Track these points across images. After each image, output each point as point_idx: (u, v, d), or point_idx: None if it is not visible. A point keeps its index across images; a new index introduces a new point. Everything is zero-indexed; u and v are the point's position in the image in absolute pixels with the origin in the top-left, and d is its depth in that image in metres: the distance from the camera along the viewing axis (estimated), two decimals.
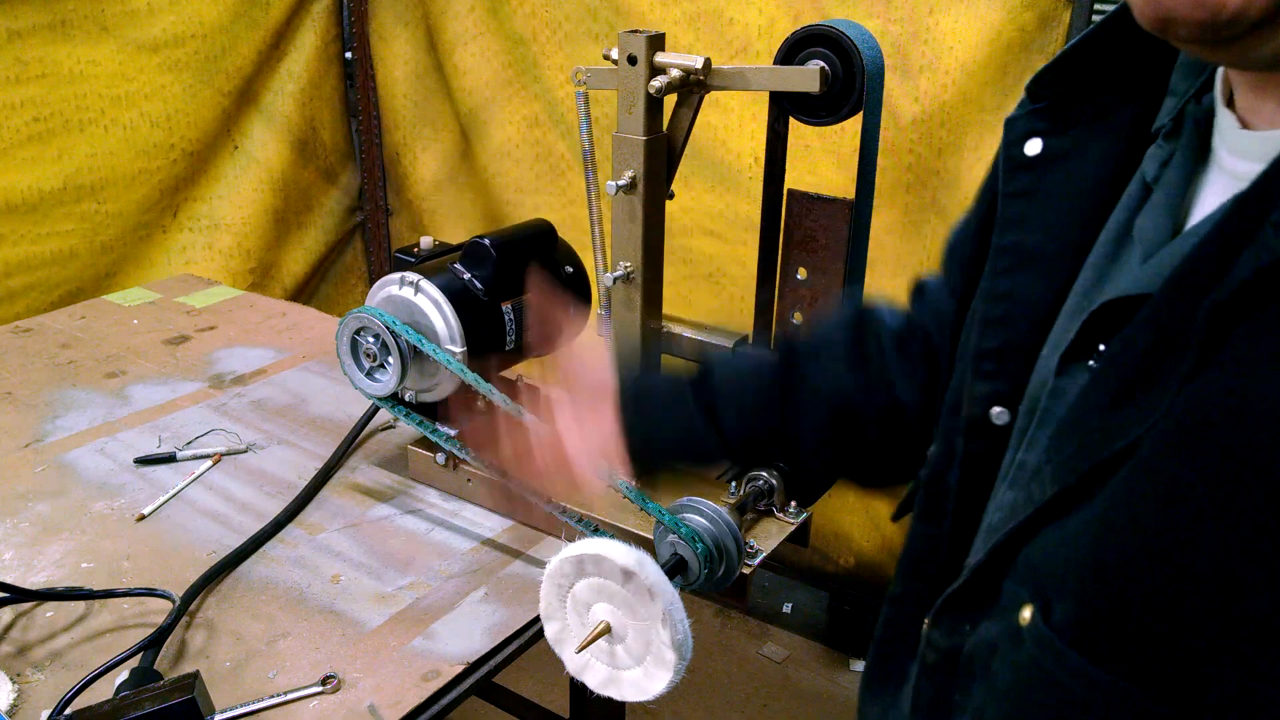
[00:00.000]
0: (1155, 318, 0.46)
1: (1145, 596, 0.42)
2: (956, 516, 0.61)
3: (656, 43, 1.01)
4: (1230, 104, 0.50)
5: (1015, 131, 0.60)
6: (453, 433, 1.19)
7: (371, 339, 1.16)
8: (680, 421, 0.83)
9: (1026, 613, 0.48)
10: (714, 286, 2.03)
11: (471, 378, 1.10)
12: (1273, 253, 0.40)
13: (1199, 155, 0.53)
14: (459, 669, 0.97)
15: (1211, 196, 0.51)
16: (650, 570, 0.76)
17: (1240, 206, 0.44)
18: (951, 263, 0.76)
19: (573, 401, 0.85)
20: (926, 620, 0.58)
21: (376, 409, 1.37)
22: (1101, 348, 0.51)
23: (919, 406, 0.78)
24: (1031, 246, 0.59)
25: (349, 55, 2.45)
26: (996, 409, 0.59)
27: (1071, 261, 0.57)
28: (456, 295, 1.17)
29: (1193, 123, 0.53)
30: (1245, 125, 0.49)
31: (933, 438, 0.71)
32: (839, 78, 0.99)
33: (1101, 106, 0.58)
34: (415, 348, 1.14)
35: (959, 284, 0.72)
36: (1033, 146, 0.59)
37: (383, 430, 1.40)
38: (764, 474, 1.12)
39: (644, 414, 0.84)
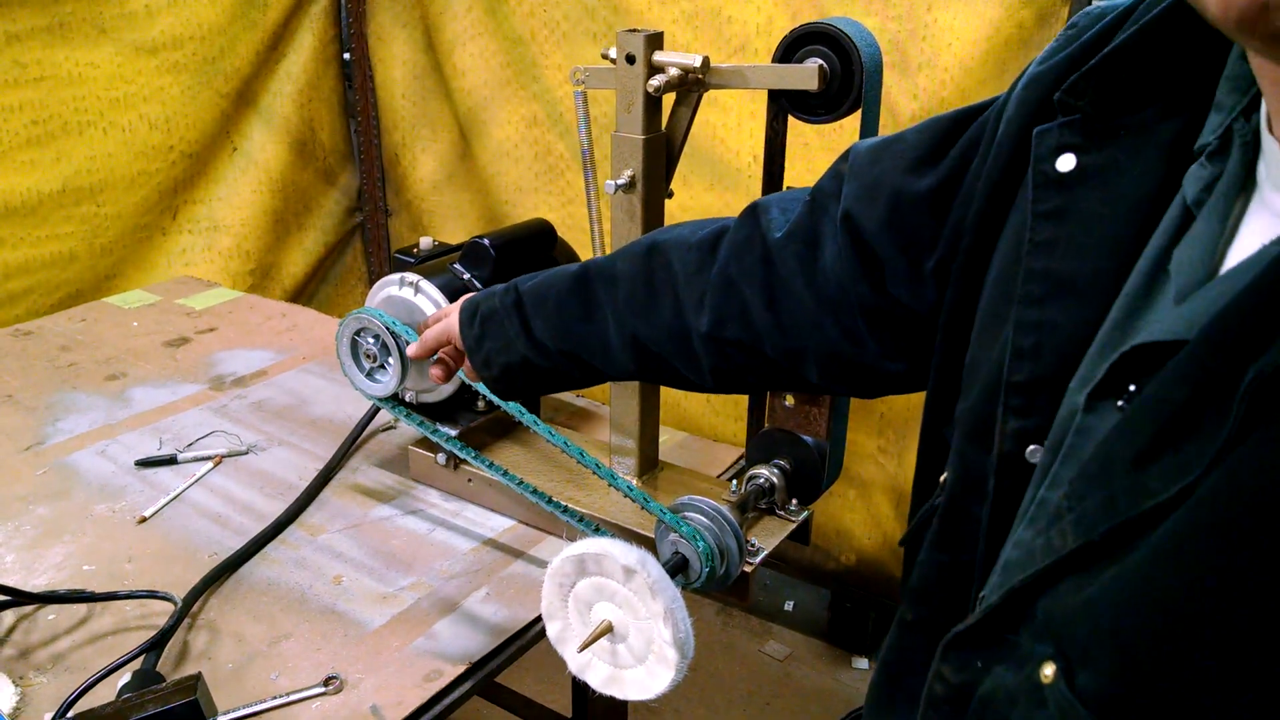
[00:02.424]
0: (1191, 372, 0.43)
1: (1181, 680, 0.40)
2: (989, 551, 0.58)
3: (655, 41, 1.01)
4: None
5: (1045, 145, 0.55)
6: (453, 433, 1.19)
7: (371, 340, 1.16)
8: (502, 326, 0.93)
9: (1049, 670, 0.45)
10: None
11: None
12: None
13: (1245, 181, 0.48)
14: (461, 669, 0.98)
15: (1252, 234, 0.47)
16: (652, 569, 0.76)
17: None
18: (873, 199, 0.73)
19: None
20: (938, 651, 0.56)
21: (377, 410, 1.37)
22: (1131, 388, 0.47)
23: (707, 340, 0.84)
24: (1063, 273, 0.54)
25: (347, 56, 2.44)
26: (1032, 447, 0.55)
27: (1108, 291, 0.53)
28: (456, 295, 1.17)
29: (1240, 143, 0.48)
30: None
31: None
32: (837, 75, 0.99)
33: (1141, 119, 0.53)
34: None
35: (888, 244, 0.72)
36: (1065, 162, 0.54)
37: (383, 431, 1.40)
38: (764, 472, 1.12)
39: (477, 321, 0.96)
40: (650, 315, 0.86)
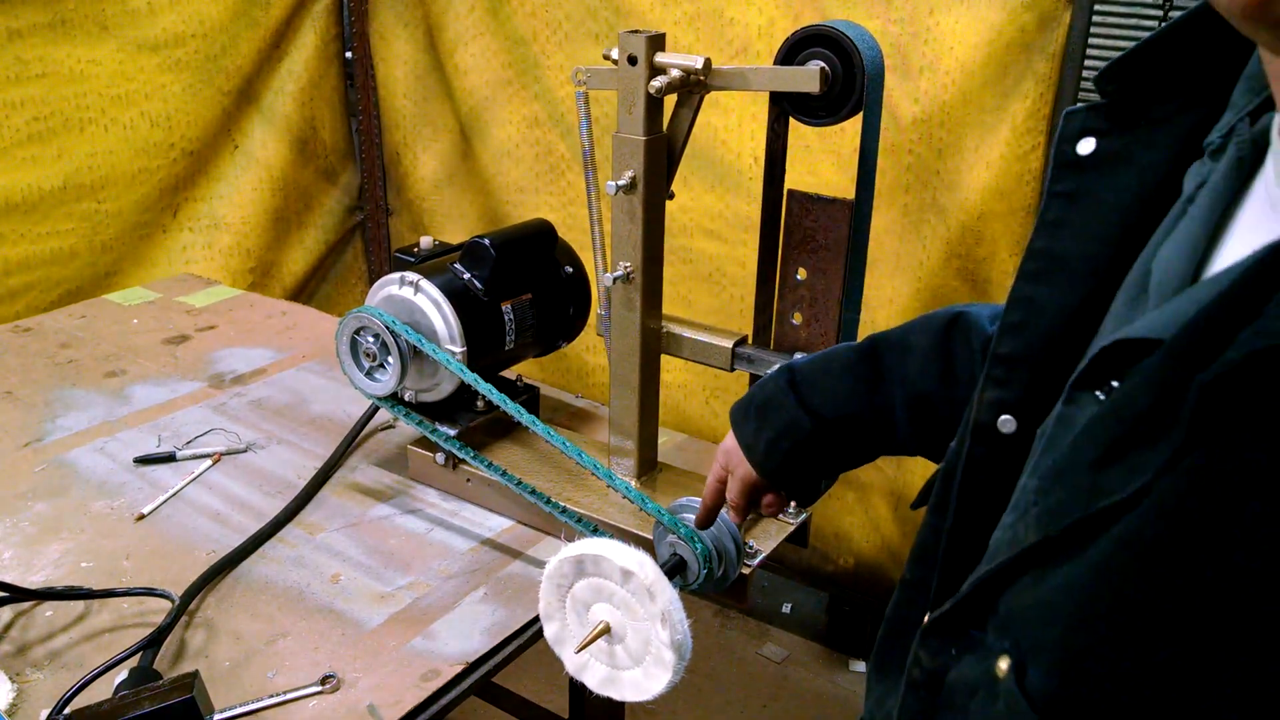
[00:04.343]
0: (1153, 378, 0.44)
1: (1120, 685, 0.40)
2: (957, 515, 0.60)
3: (657, 43, 1.01)
4: None
5: (1071, 126, 0.56)
6: (452, 432, 1.19)
7: (371, 339, 1.16)
8: (780, 408, 0.87)
9: (1003, 664, 0.46)
10: (714, 287, 2.03)
11: (471, 378, 1.10)
12: (1270, 338, 0.37)
13: (1242, 181, 0.48)
14: (458, 669, 0.97)
15: (1245, 234, 0.47)
16: (649, 570, 0.76)
17: (1262, 268, 0.40)
18: None
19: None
20: (916, 635, 0.57)
21: (376, 409, 1.37)
22: (1114, 383, 0.48)
23: None
24: (1062, 254, 0.56)
25: (349, 55, 2.44)
26: (1004, 417, 0.57)
27: (1100, 276, 0.54)
28: (456, 295, 1.17)
29: (1238, 144, 0.49)
30: None
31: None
32: (839, 78, 0.99)
33: (1163, 111, 0.54)
34: (415, 347, 1.14)
35: None
36: (1085, 145, 0.56)
37: (382, 430, 1.40)
38: None
39: (752, 413, 0.90)
40: (946, 385, 0.83)
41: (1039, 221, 0.57)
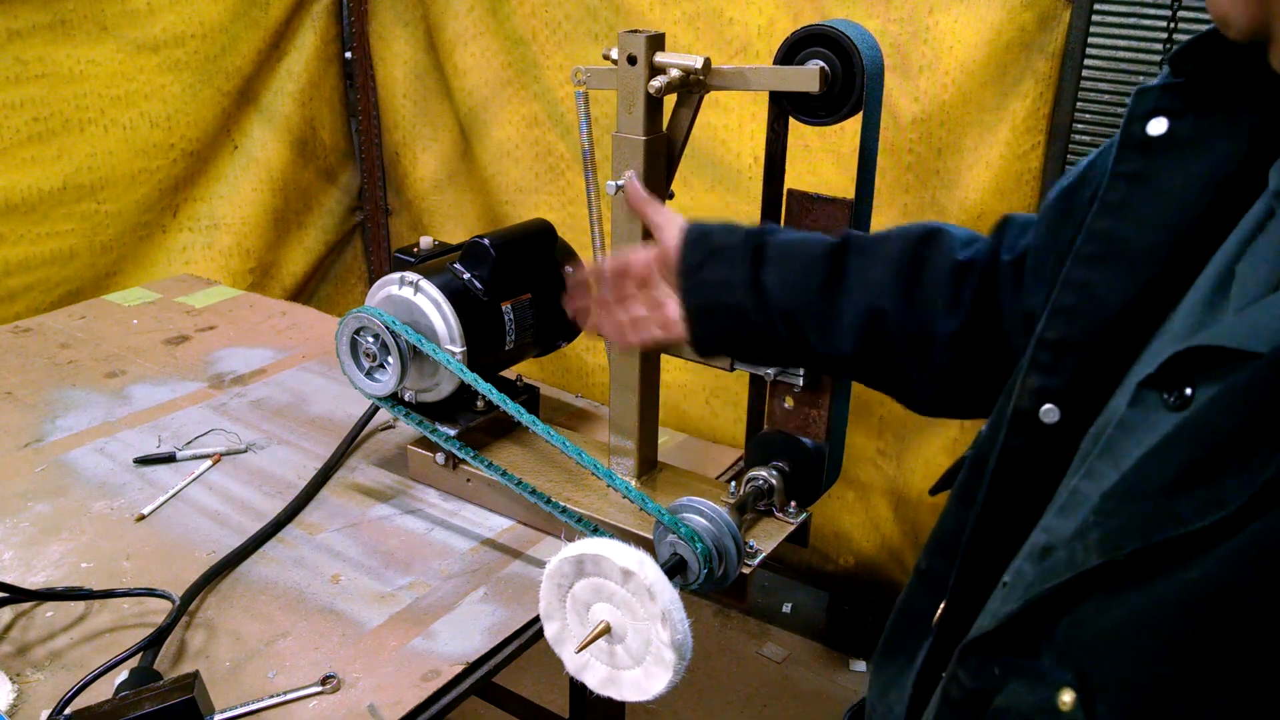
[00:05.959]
0: (1243, 398, 0.40)
1: None
2: (986, 506, 0.58)
3: (656, 43, 1.01)
4: None
5: (1143, 105, 0.53)
6: (452, 432, 1.19)
7: (371, 339, 1.16)
8: (731, 264, 0.83)
9: (1067, 697, 0.43)
10: None
11: (471, 377, 1.10)
12: None
13: None
14: (459, 669, 0.98)
15: None
16: (650, 570, 0.76)
17: None
18: (1042, 216, 0.71)
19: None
20: (955, 653, 0.54)
21: (376, 409, 1.37)
22: (1188, 391, 0.45)
23: (950, 342, 0.76)
24: (1123, 238, 0.53)
25: (349, 55, 2.45)
26: (1047, 406, 0.55)
27: (1163, 265, 0.52)
28: (456, 295, 1.17)
29: None
30: None
31: (952, 378, 0.73)
32: (839, 78, 0.99)
33: (1243, 95, 0.51)
34: (415, 348, 1.14)
35: (1042, 240, 0.69)
36: (1156, 126, 0.53)
37: (382, 430, 1.40)
38: (763, 474, 1.12)
39: (705, 246, 0.86)
40: (905, 302, 0.78)
41: (1100, 203, 0.55)
